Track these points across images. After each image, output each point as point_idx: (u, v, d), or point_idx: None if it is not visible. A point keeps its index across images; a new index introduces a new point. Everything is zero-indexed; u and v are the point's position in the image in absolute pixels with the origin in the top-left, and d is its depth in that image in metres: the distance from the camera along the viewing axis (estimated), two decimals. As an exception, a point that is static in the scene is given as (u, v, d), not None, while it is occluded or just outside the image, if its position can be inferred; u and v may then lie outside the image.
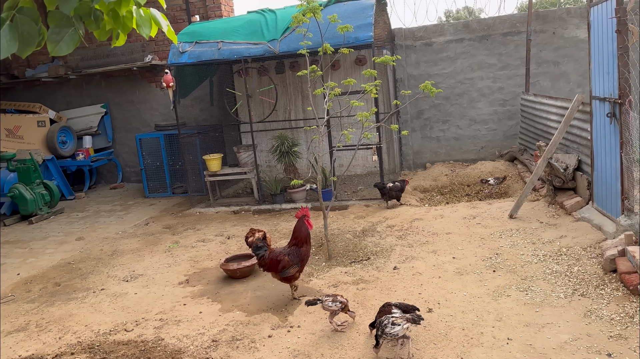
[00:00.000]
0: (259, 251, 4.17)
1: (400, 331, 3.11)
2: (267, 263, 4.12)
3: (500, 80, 8.57)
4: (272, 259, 4.11)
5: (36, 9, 1.63)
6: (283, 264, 4.07)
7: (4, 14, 1.57)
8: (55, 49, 1.64)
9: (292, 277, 4.12)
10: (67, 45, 1.64)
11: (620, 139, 4.43)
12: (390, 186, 6.67)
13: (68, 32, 1.63)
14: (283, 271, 4.09)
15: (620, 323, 3.36)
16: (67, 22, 1.63)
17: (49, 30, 1.65)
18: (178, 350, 3.59)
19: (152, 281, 5.02)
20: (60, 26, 1.63)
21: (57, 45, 1.63)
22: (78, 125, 9.81)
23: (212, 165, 7.59)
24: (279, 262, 4.08)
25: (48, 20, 1.67)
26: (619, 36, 4.29)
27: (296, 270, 4.09)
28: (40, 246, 6.64)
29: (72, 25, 1.63)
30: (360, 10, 6.85)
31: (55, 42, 1.63)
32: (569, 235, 4.96)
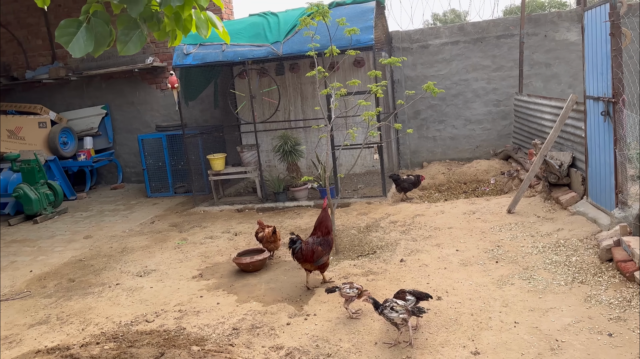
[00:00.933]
0: (295, 245, 4.42)
1: (395, 317, 3.32)
2: (304, 254, 4.35)
3: (494, 82, 8.84)
4: (307, 250, 4.35)
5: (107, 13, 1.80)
6: (317, 254, 4.34)
7: (81, 17, 1.74)
8: (124, 49, 1.81)
9: (325, 264, 4.42)
10: (134, 45, 1.81)
11: (614, 136, 4.68)
12: (404, 179, 7.06)
13: (135, 33, 1.80)
14: (317, 261, 4.35)
15: (618, 306, 3.59)
16: (135, 25, 1.80)
17: (118, 31, 1.81)
18: (201, 338, 3.75)
19: (165, 275, 5.17)
20: (129, 28, 1.80)
21: (125, 45, 1.80)
22: (79, 126, 9.90)
23: (216, 164, 7.75)
24: (314, 253, 4.34)
25: (117, 23, 1.84)
26: (613, 39, 4.54)
27: (327, 257, 4.33)
28: (49, 244, 6.75)
29: (139, 27, 1.80)
30: (361, 13, 7.06)
31: (124, 43, 1.80)
32: (566, 227, 5.21)
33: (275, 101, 8.27)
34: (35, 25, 10.35)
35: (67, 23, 1.72)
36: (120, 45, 1.81)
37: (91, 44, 1.71)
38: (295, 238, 4.47)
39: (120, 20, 1.82)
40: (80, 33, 1.69)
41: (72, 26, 1.71)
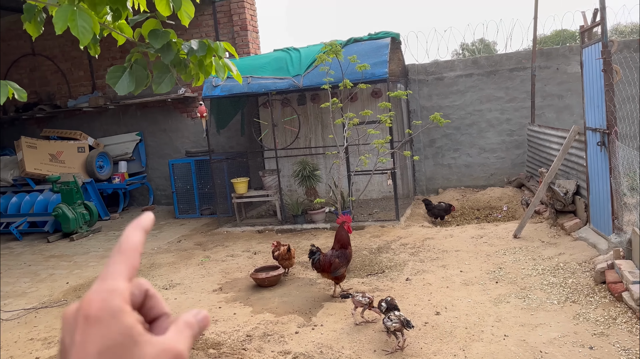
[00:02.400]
0: (314, 256, 4.87)
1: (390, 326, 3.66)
2: (322, 265, 4.80)
3: (507, 112, 9.16)
4: (325, 262, 4.78)
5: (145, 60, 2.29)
6: (335, 266, 4.75)
7: (126, 64, 2.22)
8: (158, 89, 2.28)
9: (341, 276, 4.83)
10: (166, 86, 2.28)
11: (610, 165, 4.97)
12: (435, 205, 7.50)
13: (167, 76, 2.27)
14: (335, 272, 4.77)
15: (604, 324, 3.84)
16: (166, 69, 2.27)
17: (154, 74, 2.29)
18: (217, 343, 4.14)
19: (189, 289, 5.61)
20: (162, 72, 2.27)
21: (159, 85, 2.27)
22: (114, 151, 10.60)
23: (239, 188, 8.24)
24: (331, 264, 4.75)
25: (153, 68, 2.31)
26: (605, 75, 4.88)
27: (344, 269, 4.76)
28: (83, 260, 7.30)
29: (170, 71, 2.27)
30: (377, 49, 7.55)
31: (158, 84, 2.27)
32: (567, 252, 5.45)
33: (296, 129, 8.78)
34: (78, 58, 11.22)
35: (115, 69, 2.21)
36: (155, 86, 2.28)
37: (133, 85, 2.18)
38: (315, 249, 4.92)
39: (155, 66, 2.29)
40: (125, 76, 2.17)
41: (118, 71, 2.19)
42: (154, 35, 2.19)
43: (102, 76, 11.09)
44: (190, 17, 2.25)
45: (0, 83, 2.17)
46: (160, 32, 2.21)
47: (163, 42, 2.18)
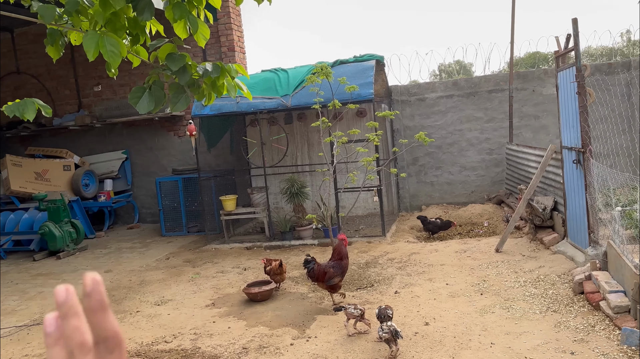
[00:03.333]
0: (308, 265, 5.03)
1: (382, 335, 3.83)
2: (316, 274, 4.97)
3: (486, 132, 9.52)
4: (320, 271, 4.95)
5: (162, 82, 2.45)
6: (329, 275, 4.91)
7: (145, 85, 2.38)
8: (174, 108, 2.45)
9: (336, 286, 5.01)
10: (182, 105, 2.44)
11: (585, 182, 5.27)
12: (430, 221, 7.71)
13: (183, 96, 2.43)
14: (329, 281, 4.95)
15: (583, 331, 4.07)
16: (182, 90, 2.44)
17: (170, 95, 2.46)
18: (214, 355, 4.24)
19: (181, 304, 5.68)
20: (178, 92, 2.43)
21: (175, 105, 2.43)
22: (100, 170, 10.62)
23: (228, 205, 8.36)
24: (326, 273, 4.92)
25: (169, 89, 2.48)
26: (580, 97, 5.20)
27: (339, 279, 4.93)
28: (72, 277, 7.29)
29: (185, 92, 2.44)
30: (362, 70, 7.84)
31: (174, 103, 2.43)
32: (547, 265, 5.71)
33: (284, 147, 8.97)
34: (64, 77, 11.28)
35: (136, 89, 2.37)
36: (171, 105, 2.44)
37: (152, 104, 2.34)
38: (310, 259, 5.09)
39: (172, 87, 2.46)
40: (145, 96, 2.33)
41: (139, 91, 2.35)
42: (171, 58, 2.37)
43: (88, 94, 11.15)
44: (205, 39, 2.44)
45: (27, 100, 2.31)
46: (177, 55, 2.38)
47: (180, 65, 2.36)
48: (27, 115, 2.29)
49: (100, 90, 11.00)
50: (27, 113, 2.29)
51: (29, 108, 2.29)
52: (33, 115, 2.33)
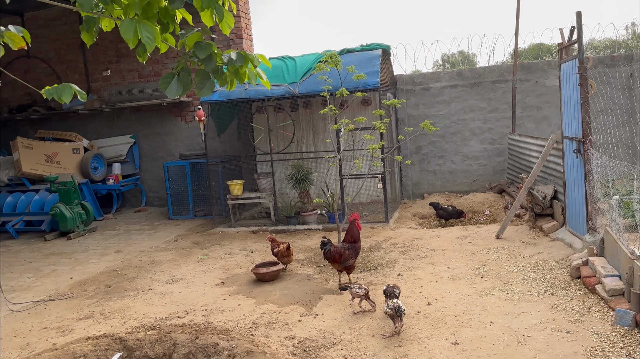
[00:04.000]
0: (325, 247, 5.27)
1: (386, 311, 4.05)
2: (333, 255, 5.19)
3: (489, 122, 9.67)
4: (336, 252, 5.19)
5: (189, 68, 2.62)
6: (345, 257, 5.15)
7: (173, 71, 2.55)
8: (199, 93, 2.61)
9: (351, 267, 5.23)
10: (207, 91, 2.61)
11: (584, 171, 5.44)
12: (442, 207, 7.91)
13: (208, 82, 2.60)
14: (345, 262, 5.18)
15: (579, 312, 4.27)
16: (207, 76, 2.60)
17: (196, 81, 2.62)
18: (226, 330, 4.45)
19: (192, 283, 5.89)
20: (204, 78, 2.60)
21: (201, 90, 2.60)
22: (108, 153, 10.80)
23: (235, 190, 8.55)
24: (342, 255, 5.15)
25: (195, 75, 2.65)
26: (581, 88, 5.36)
27: (353, 261, 5.18)
28: (84, 257, 7.51)
29: (210, 78, 2.61)
30: (369, 59, 7.98)
31: (200, 89, 2.60)
32: (545, 251, 5.90)
33: (290, 134, 9.13)
34: (73, 61, 11.41)
35: (166, 75, 2.54)
36: (197, 90, 2.61)
37: (180, 89, 2.51)
38: (327, 241, 5.29)
39: (198, 73, 2.62)
40: (174, 82, 2.50)
41: (168, 77, 2.52)
42: (198, 46, 2.53)
43: (97, 79, 11.29)
44: (230, 27, 2.61)
45: (64, 84, 2.49)
46: (204, 44, 2.55)
47: (207, 53, 2.52)
48: (65, 98, 2.47)
49: (109, 75, 11.14)
50: (64, 97, 2.46)
51: (66, 92, 2.46)
52: (70, 98, 2.50)
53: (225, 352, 3.82)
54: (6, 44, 2.54)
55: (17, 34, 2.51)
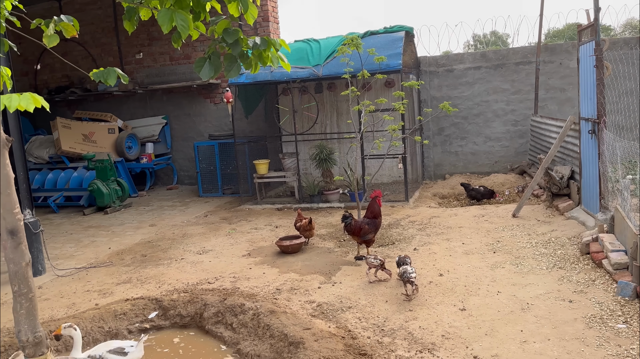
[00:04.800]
0: (346, 220, 5.60)
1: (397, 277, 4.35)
2: (353, 229, 5.53)
3: (512, 103, 9.75)
4: (356, 226, 5.52)
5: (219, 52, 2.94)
6: (364, 231, 5.48)
7: (205, 56, 2.88)
8: (228, 75, 2.93)
9: (370, 240, 5.56)
10: (234, 73, 2.93)
11: (598, 151, 5.58)
12: (472, 188, 8.06)
13: (235, 65, 2.92)
14: (364, 236, 5.50)
15: (584, 284, 4.49)
16: (234, 60, 2.92)
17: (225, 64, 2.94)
18: (252, 294, 4.83)
19: (220, 254, 6.31)
20: (231, 62, 2.91)
21: (229, 72, 2.92)
22: (141, 133, 11.31)
23: (261, 169, 8.92)
24: (361, 229, 5.48)
25: (224, 59, 2.96)
26: (597, 70, 5.47)
27: (373, 235, 5.49)
28: (120, 230, 8.03)
29: (237, 61, 2.92)
30: (392, 42, 8.16)
31: (228, 71, 2.92)
32: (559, 229, 6.09)
33: (314, 115, 9.42)
34: (108, 45, 11.90)
35: (199, 59, 2.86)
36: (226, 72, 2.93)
37: (212, 72, 2.84)
38: (348, 214, 5.62)
39: (226, 57, 2.93)
40: (206, 65, 2.82)
41: (201, 61, 2.85)
42: (227, 32, 2.84)
43: (130, 62, 11.76)
44: (254, 18, 2.90)
45: (109, 69, 2.84)
46: (231, 30, 2.85)
47: (234, 38, 2.83)
48: (110, 81, 2.82)
49: (142, 58, 11.59)
50: (110, 79, 2.81)
51: (111, 75, 2.82)
52: (114, 81, 2.85)
53: (250, 311, 4.20)
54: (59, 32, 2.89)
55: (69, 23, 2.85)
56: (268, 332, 3.90)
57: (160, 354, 4.09)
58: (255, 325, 4.07)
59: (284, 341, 3.71)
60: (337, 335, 3.82)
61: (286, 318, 4.06)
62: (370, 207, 5.75)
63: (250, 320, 4.14)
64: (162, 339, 4.35)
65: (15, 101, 2.18)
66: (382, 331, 3.93)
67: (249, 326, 4.10)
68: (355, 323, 4.10)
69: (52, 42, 2.77)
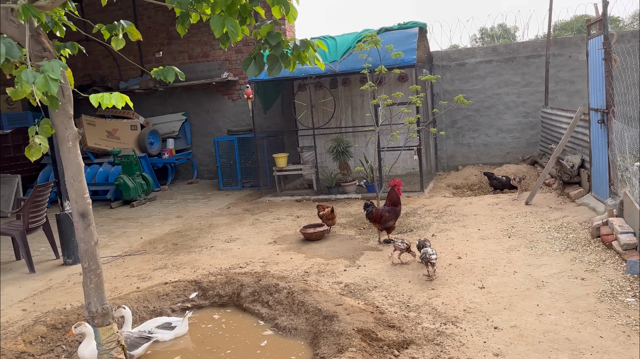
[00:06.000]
0: (368, 208, 5.98)
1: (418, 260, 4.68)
2: (374, 216, 5.88)
3: (523, 96, 10.01)
4: (377, 214, 5.87)
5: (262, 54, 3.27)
6: (385, 218, 5.82)
7: (250, 56, 3.21)
8: (270, 73, 3.27)
9: (390, 227, 5.92)
10: (276, 71, 3.25)
11: (607, 139, 5.86)
12: (495, 177, 8.26)
13: (277, 64, 3.24)
14: (384, 223, 5.85)
15: (595, 264, 4.79)
16: (276, 60, 3.24)
17: (268, 63, 3.27)
18: (283, 276, 5.18)
19: (247, 242, 6.67)
20: (273, 62, 3.24)
21: (271, 71, 3.25)
22: (163, 130, 11.69)
23: (280, 162, 9.26)
24: (382, 216, 5.83)
25: (267, 59, 3.29)
26: (606, 63, 5.75)
27: (393, 222, 5.83)
28: (149, 221, 8.41)
29: (279, 61, 3.25)
30: (406, 37, 8.46)
31: (270, 69, 3.25)
32: (571, 215, 6.38)
33: (331, 109, 9.74)
34: (128, 44, 12.18)
35: (246, 60, 3.19)
36: (269, 71, 3.26)
37: (257, 70, 3.17)
38: (369, 203, 5.96)
39: (269, 57, 3.27)
40: (252, 64, 3.15)
41: (248, 61, 3.18)
42: (270, 35, 3.17)
43: (150, 60, 12.14)
44: (295, 18, 3.22)
45: (169, 67, 3.19)
46: (274, 33, 3.18)
47: (277, 41, 3.15)
48: (169, 78, 3.16)
49: (161, 56, 11.96)
50: (169, 77, 3.16)
51: (170, 73, 3.16)
52: (173, 78, 3.19)
53: (284, 290, 4.55)
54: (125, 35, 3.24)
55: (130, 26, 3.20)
56: (303, 308, 4.25)
57: (204, 329, 4.45)
58: (290, 302, 4.42)
59: (319, 316, 4.06)
60: (367, 310, 4.16)
61: (318, 295, 4.40)
62: (390, 196, 6.07)
63: (285, 298, 4.49)
64: (204, 317, 4.71)
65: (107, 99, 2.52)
66: (408, 307, 4.27)
67: (284, 303, 4.45)
68: (382, 300, 4.44)
69: (119, 45, 3.12)
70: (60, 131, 3.04)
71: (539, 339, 3.55)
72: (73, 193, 3.12)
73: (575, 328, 3.67)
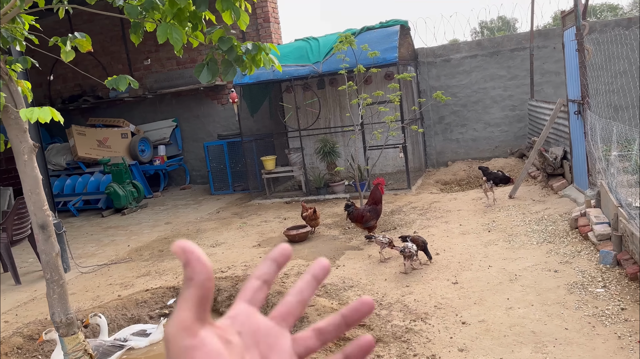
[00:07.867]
0: (349, 208, 5.95)
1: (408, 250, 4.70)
2: (355, 216, 5.87)
3: (509, 89, 9.99)
4: (358, 214, 5.87)
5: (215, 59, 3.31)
6: (366, 218, 5.83)
7: (203, 62, 3.24)
8: (225, 78, 3.30)
9: (372, 227, 5.92)
10: (231, 76, 3.29)
11: (584, 130, 5.86)
12: (491, 171, 8.17)
13: (231, 69, 3.28)
14: (366, 223, 5.83)
15: (569, 255, 4.79)
16: (230, 64, 3.28)
17: (222, 68, 3.31)
18: (261, 279, 5.21)
19: (232, 246, 6.70)
20: (227, 66, 3.28)
21: (225, 76, 3.28)
22: (153, 137, 11.75)
23: (268, 165, 9.30)
24: (363, 216, 5.83)
25: (221, 64, 3.33)
26: (579, 54, 5.74)
27: (374, 222, 5.84)
28: (138, 228, 8.47)
29: (232, 66, 3.28)
30: (387, 36, 8.47)
31: (225, 74, 3.29)
32: (552, 207, 6.37)
33: (317, 110, 9.77)
34: (117, 53, 12.36)
35: (198, 66, 3.23)
36: (223, 76, 3.29)
37: (210, 76, 3.20)
38: (350, 203, 5.97)
39: (223, 62, 3.30)
40: (204, 70, 3.19)
41: (200, 67, 3.21)
42: (222, 40, 3.20)
43: (138, 68, 12.20)
44: (246, 24, 3.25)
45: (121, 76, 3.23)
46: (226, 38, 3.21)
47: (228, 45, 3.19)
48: (121, 87, 3.20)
49: (150, 64, 12.02)
50: (121, 85, 3.20)
51: (122, 82, 3.20)
52: (125, 87, 3.23)
53: (259, 293, 4.58)
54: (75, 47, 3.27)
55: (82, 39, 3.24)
56: (275, 310, 4.27)
57: (179, 335, 4.49)
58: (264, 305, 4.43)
59: (290, 317, 4.08)
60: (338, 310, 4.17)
61: (292, 297, 4.43)
62: (372, 194, 6.09)
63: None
64: (181, 323, 4.75)
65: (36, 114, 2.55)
66: (380, 304, 4.29)
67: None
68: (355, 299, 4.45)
69: (69, 57, 3.15)
70: (15, 145, 3.08)
71: (505, 334, 3.56)
72: (32, 206, 3.16)
73: (542, 320, 3.68)
